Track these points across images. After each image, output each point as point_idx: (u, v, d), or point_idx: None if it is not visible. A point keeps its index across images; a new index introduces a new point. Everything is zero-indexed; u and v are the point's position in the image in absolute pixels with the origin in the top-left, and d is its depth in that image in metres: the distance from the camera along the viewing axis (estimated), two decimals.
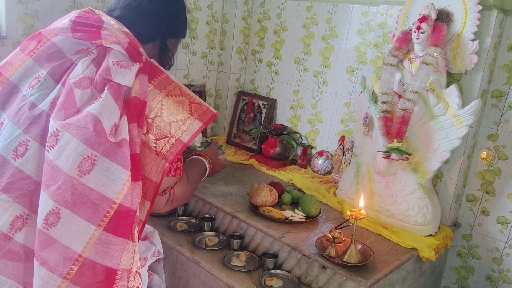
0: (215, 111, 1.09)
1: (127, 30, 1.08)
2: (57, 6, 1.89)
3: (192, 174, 1.29)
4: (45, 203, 0.93)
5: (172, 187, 1.13)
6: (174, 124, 1.02)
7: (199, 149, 1.96)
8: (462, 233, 1.85)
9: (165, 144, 1.01)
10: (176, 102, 1.03)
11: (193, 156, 1.40)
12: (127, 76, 1.01)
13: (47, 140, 0.96)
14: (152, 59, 1.07)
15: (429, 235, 1.66)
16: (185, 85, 2.47)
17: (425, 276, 1.73)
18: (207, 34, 2.50)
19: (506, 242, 1.74)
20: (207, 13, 2.46)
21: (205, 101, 2.51)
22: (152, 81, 1.03)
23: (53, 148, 0.95)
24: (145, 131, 1.01)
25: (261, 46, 2.51)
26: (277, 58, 2.43)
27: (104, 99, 0.97)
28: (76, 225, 0.93)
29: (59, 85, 1.03)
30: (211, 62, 2.58)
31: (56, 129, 0.95)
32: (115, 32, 1.06)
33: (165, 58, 1.23)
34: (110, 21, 1.08)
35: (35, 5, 1.82)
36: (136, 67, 1.02)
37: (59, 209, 0.93)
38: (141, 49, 1.08)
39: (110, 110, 0.97)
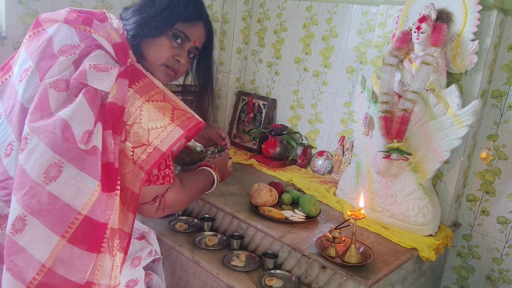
0: (201, 119, 1.03)
1: (125, 33, 1.06)
2: (57, 6, 1.89)
3: (191, 181, 1.25)
4: (13, 208, 0.90)
5: (163, 195, 1.09)
6: (153, 131, 0.96)
7: (198, 149, 1.96)
8: (462, 233, 1.85)
9: (142, 153, 0.96)
10: (157, 107, 0.97)
11: (203, 167, 1.37)
12: (104, 81, 0.95)
13: (21, 143, 0.93)
14: (137, 64, 1.02)
15: (429, 235, 1.66)
16: (185, 85, 2.48)
17: (425, 276, 1.73)
18: None
19: (506, 242, 1.74)
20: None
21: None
22: (133, 86, 0.97)
23: (23, 151, 0.91)
24: (123, 139, 0.96)
25: (261, 46, 2.51)
26: (277, 58, 2.43)
27: (78, 104, 0.93)
28: (40, 234, 0.89)
29: (41, 82, 0.98)
30: None
31: (27, 132, 0.92)
32: (110, 31, 1.03)
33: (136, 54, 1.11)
34: (114, 23, 1.06)
35: (35, 5, 1.82)
36: (115, 70, 0.97)
37: (25, 216, 0.89)
38: (130, 53, 1.04)
39: (83, 116, 0.92)
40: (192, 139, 1.67)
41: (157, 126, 0.96)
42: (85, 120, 0.92)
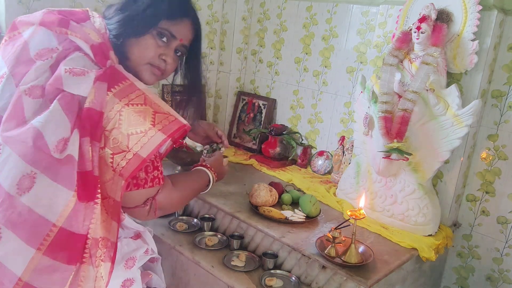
0: (185, 122, 0.98)
1: (107, 33, 1.01)
2: (57, 6, 1.88)
3: (184, 181, 1.22)
4: None
5: (154, 197, 1.06)
6: (133, 136, 0.92)
7: (198, 149, 1.96)
8: (462, 233, 1.85)
9: (122, 159, 0.91)
10: (137, 111, 0.92)
11: (197, 167, 1.35)
12: (81, 85, 0.91)
13: None
14: (118, 65, 0.97)
15: (429, 235, 1.66)
16: (185, 85, 2.48)
17: (425, 276, 1.73)
18: (207, 34, 2.50)
19: (506, 242, 1.74)
20: (207, 13, 2.46)
21: (205, 101, 2.54)
22: (112, 89, 0.92)
23: None
24: (103, 145, 0.91)
25: (261, 46, 2.51)
26: (277, 58, 2.43)
27: (51, 111, 0.89)
28: (16, 247, 0.86)
29: (17, 89, 0.93)
30: (211, 62, 2.58)
31: (0, 142, 0.89)
32: (89, 31, 0.98)
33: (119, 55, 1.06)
34: (95, 23, 1.02)
35: (35, 5, 1.82)
36: (92, 73, 0.92)
37: (0, 228, 0.86)
38: (111, 53, 0.99)
39: (56, 124, 0.88)
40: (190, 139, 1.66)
41: (137, 131, 0.92)
42: (59, 128, 0.88)
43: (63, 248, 0.89)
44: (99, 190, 0.92)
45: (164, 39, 1.06)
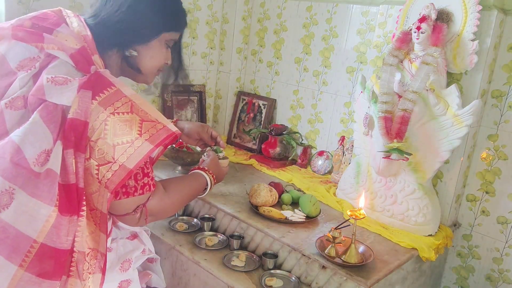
0: (175, 129, 0.95)
1: (89, 34, 0.97)
2: (57, 6, 1.88)
3: (177, 186, 1.19)
4: None
5: (144, 204, 1.03)
6: (119, 147, 0.88)
7: (198, 149, 1.96)
8: (462, 233, 1.85)
9: (107, 171, 0.89)
10: (123, 120, 0.89)
11: (194, 171, 1.32)
12: (64, 94, 0.87)
13: None
14: (103, 70, 0.94)
15: (429, 235, 1.66)
16: (185, 85, 2.49)
17: (425, 276, 1.73)
18: (207, 34, 2.50)
19: (506, 242, 1.74)
20: (207, 13, 2.46)
21: (205, 101, 2.55)
22: (96, 97, 0.89)
23: None
24: (88, 156, 0.89)
25: (261, 46, 2.51)
26: (277, 58, 2.43)
27: (31, 123, 0.85)
28: None
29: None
30: (211, 62, 2.58)
31: None
32: (66, 37, 0.94)
33: (129, 61, 1.06)
34: (73, 24, 0.98)
35: (35, 5, 1.82)
36: (75, 82, 0.88)
37: None
38: (95, 57, 0.95)
39: (36, 136, 0.85)
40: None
41: (123, 142, 0.89)
42: (39, 140, 0.85)
43: (46, 264, 0.86)
44: (84, 203, 0.90)
45: (168, 48, 1.11)
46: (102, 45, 0.99)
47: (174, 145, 1.94)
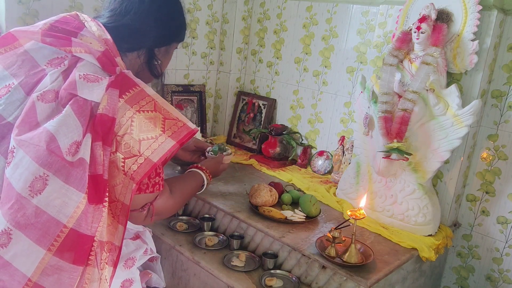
0: (194, 126, 1.02)
1: (109, 37, 1.02)
2: (57, 6, 1.89)
3: (181, 186, 1.24)
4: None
5: (152, 203, 1.08)
6: (144, 142, 0.95)
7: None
8: (462, 233, 1.85)
9: (133, 163, 0.95)
10: (148, 118, 0.96)
11: (191, 169, 1.37)
12: (94, 91, 0.94)
13: (7, 156, 0.91)
14: (127, 71, 1.00)
15: (429, 235, 1.66)
16: (185, 85, 2.49)
17: (425, 276, 1.73)
18: (207, 34, 2.50)
19: (506, 242, 1.74)
20: (207, 13, 2.47)
21: (205, 101, 2.55)
22: (123, 96, 0.96)
23: (9, 165, 0.90)
24: (114, 150, 0.94)
25: (261, 46, 2.51)
26: (277, 58, 2.43)
27: (64, 115, 0.91)
28: (26, 248, 0.88)
29: (29, 97, 0.96)
30: (211, 62, 2.58)
31: (13, 145, 0.91)
32: (90, 40, 1.00)
33: (152, 68, 1.15)
34: (92, 28, 1.03)
35: (35, 5, 1.82)
36: (105, 81, 0.95)
37: (11, 230, 0.87)
38: (118, 59, 1.02)
39: (69, 127, 0.91)
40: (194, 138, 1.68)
41: (148, 137, 0.96)
42: (71, 132, 0.91)
43: (72, 249, 0.90)
44: (107, 194, 0.94)
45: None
46: (121, 49, 1.05)
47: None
